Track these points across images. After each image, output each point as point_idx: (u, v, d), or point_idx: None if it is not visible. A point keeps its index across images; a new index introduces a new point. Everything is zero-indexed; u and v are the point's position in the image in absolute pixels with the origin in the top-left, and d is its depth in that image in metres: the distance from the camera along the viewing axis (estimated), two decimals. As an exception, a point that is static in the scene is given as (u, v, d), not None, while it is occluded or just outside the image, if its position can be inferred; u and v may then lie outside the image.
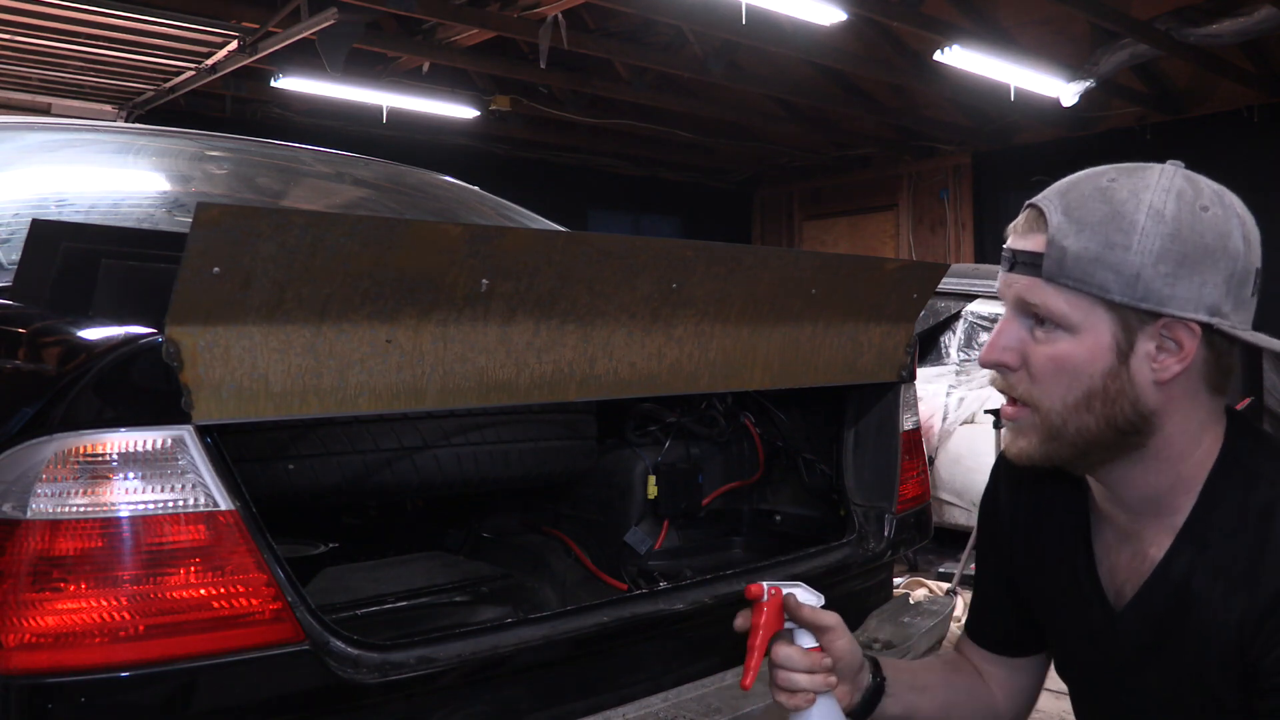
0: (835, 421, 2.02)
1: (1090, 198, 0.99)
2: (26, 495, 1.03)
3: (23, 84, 4.90)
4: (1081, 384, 1.00)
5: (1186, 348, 0.97)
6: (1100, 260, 0.96)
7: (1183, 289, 0.96)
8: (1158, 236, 0.95)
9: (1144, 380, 0.99)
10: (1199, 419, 1.02)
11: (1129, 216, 0.96)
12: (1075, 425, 1.01)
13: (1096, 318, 0.98)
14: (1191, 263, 0.95)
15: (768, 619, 1.12)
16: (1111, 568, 1.10)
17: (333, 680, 1.16)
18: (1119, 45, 7.15)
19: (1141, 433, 1.01)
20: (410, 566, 1.99)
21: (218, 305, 1.07)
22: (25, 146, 2.17)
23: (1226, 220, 0.98)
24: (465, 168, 4.58)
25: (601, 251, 1.34)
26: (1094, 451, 1.03)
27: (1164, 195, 0.97)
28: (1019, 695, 1.29)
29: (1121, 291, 0.96)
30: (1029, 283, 1.01)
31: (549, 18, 6.11)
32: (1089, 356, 0.99)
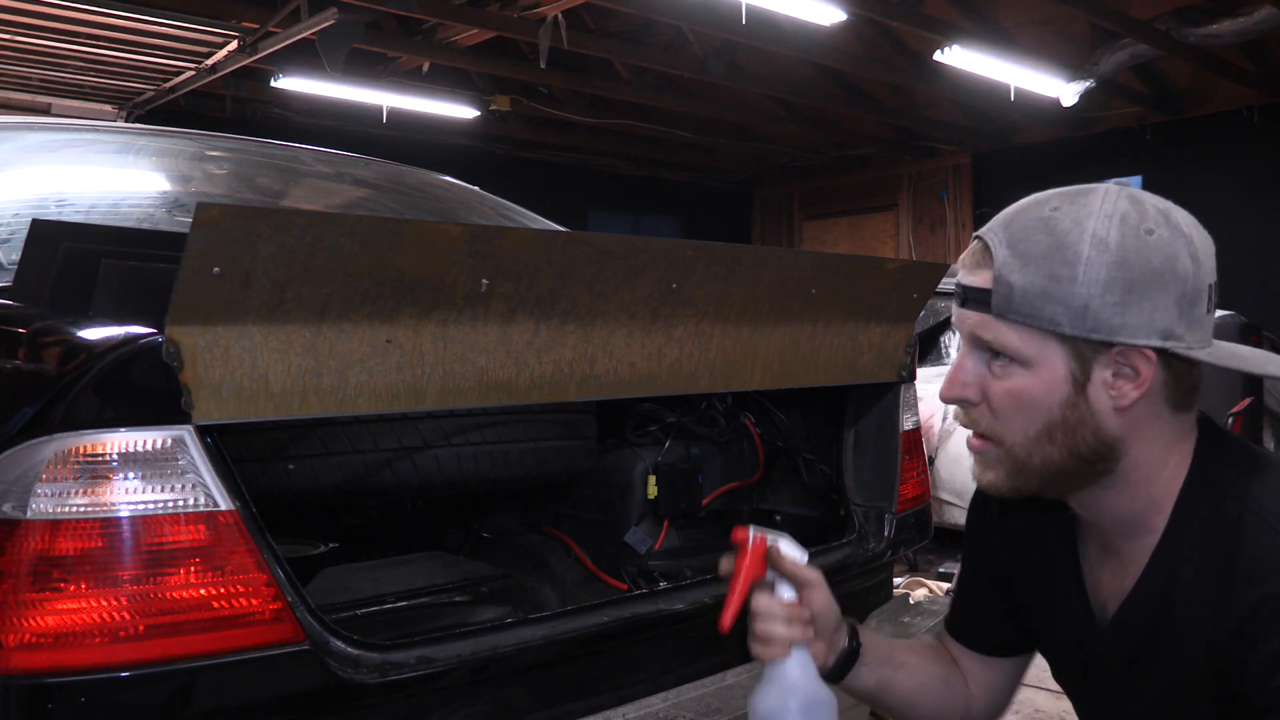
0: (835, 421, 2.02)
1: (1033, 229, 0.98)
2: (26, 495, 1.03)
3: (23, 84, 4.90)
4: (1041, 416, 1.00)
5: (1143, 374, 0.97)
6: (1047, 294, 0.96)
7: (1133, 316, 0.95)
8: (1103, 266, 0.94)
9: (1103, 408, 0.98)
10: (1164, 440, 1.02)
11: (1073, 247, 0.95)
12: (1040, 457, 1.01)
13: (1050, 351, 0.98)
14: (1140, 289, 0.94)
15: (750, 564, 1.13)
16: (1096, 583, 1.10)
17: (333, 680, 1.16)
18: (1119, 45, 7.16)
19: (1107, 459, 1.00)
20: (410, 566, 1.99)
21: (218, 305, 1.07)
22: (25, 146, 2.17)
23: (1173, 241, 0.96)
24: (465, 168, 4.59)
25: (601, 251, 1.34)
26: (1062, 480, 1.03)
27: (1107, 222, 0.96)
28: (993, 693, 1.29)
29: (1071, 324, 0.95)
30: (980, 319, 1.00)
31: (549, 18, 6.11)
32: (1045, 389, 0.99)
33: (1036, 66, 7.15)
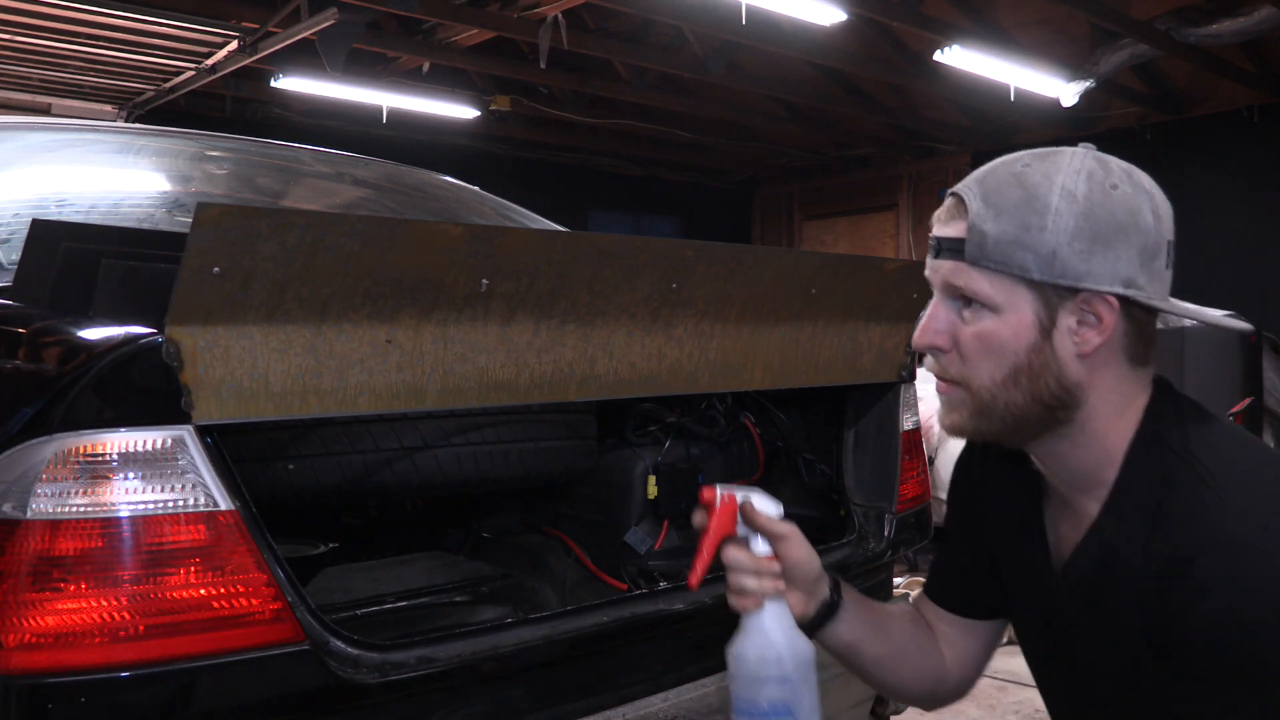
0: (835, 421, 2.02)
1: (1006, 183, 1.04)
2: (26, 495, 1.03)
3: (23, 84, 4.89)
4: (1008, 360, 1.04)
5: (1105, 320, 1.02)
6: (1018, 242, 1.01)
7: (1098, 264, 1.00)
8: (1071, 216, 1.00)
9: (1067, 354, 1.03)
10: (1121, 392, 1.06)
11: (1043, 199, 1.01)
12: (1004, 401, 1.05)
13: (1019, 297, 1.02)
14: (1104, 239, 1.00)
15: (718, 522, 1.15)
16: (1057, 538, 1.15)
17: (333, 680, 1.16)
18: (1119, 45, 7.16)
19: (1067, 407, 1.05)
20: (410, 566, 1.99)
21: (218, 305, 1.07)
22: (25, 146, 2.17)
23: (1136, 197, 1.02)
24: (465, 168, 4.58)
25: (601, 251, 1.34)
26: (1023, 427, 1.07)
27: (1075, 176, 1.02)
28: (967, 660, 1.32)
29: (1040, 270, 1.01)
30: (954, 267, 1.05)
31: (549, 18, 6.11)
32: (1013, 334, 1.03)
33: (1036, 66, 7.15)
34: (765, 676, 1.12)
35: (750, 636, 1.14)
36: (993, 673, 3.62)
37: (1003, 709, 3.34)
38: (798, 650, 1.13)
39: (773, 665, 1.12)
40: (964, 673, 1.32)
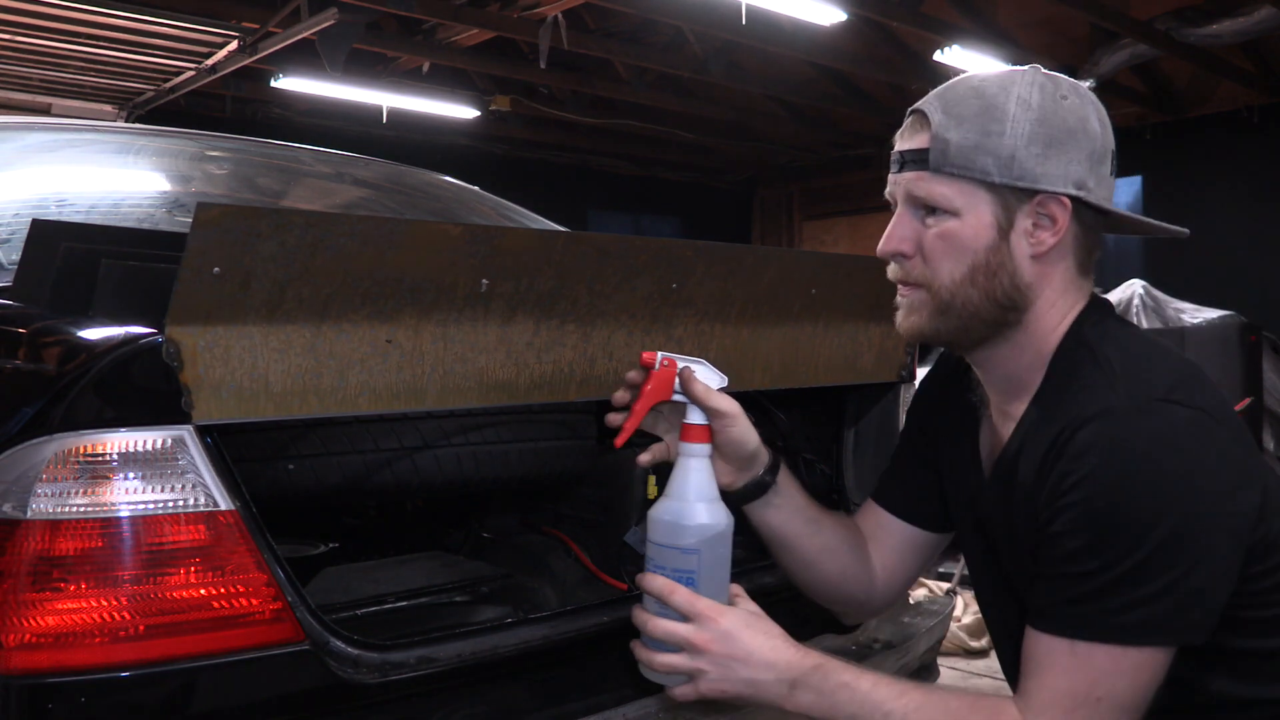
0: (835, 421, 2.02)
1: (966, 96, 1.12)
2: (26, 495, 1.03)
3: (23, 84, 4.89)
4: (967, 259, 1.11)
5: (1060, 221, 1.10)
6: (979, 147, 1.08)
7: (1052, 166, 1.08)
8: (1027, 122, 1.08)
9: (1021, 254, 1.11)
10: (1064, 296, 1.14)
11: (1001, 107, 1.09)
12: (961, 299, 1.12)
13: (979, 200, 1.10)
14: (1058, 143, 1.08)
15: (654, 386, 1.17)
16: (988, 444, 1.22)
17: (333, 680, 1.16)
18: (1119, 45, 7.16)
19: (1018, 308, 1.12)
20: (410, 566, 1.99)
21: (218, 305, 1.07)
22: (25, 146, 2.16)
23: (1083, 106, 1.11)
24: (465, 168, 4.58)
25: (601, 251, 1.34)
26: (975, 327, 1.13)
27: (1029, 88, 1.10)
28: (896, 570, 1.37)
29: (1000, 173, 1.08)
30: (916, 176, 1.13)
31: (549, 18, 6.11)
32: (973, 234, 1.10)
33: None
34: (672, 543, 1.12)
35: (668, 501, 1.15)
36: (993, 673, 3.62)
37: (1003, 709, 3.34)
38: (709, 521, 1.13)
39: (681, 533, 1.12)
40: (891, 583, 1.37)
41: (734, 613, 1.12)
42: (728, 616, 1.11)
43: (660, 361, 1.17)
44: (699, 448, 1.17)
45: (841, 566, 1.34)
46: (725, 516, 1.15)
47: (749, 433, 1.23)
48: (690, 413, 1.17)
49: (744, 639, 1.10)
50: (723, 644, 1.10)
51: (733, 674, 1.10)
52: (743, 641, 1.10)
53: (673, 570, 1.11)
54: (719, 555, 1.13)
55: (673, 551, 1.11)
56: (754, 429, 1.24)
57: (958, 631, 3.76)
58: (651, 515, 1.14)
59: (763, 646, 1.11)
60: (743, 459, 1.25)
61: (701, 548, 1.11)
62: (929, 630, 1.89)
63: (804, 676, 1.10)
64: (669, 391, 1.17)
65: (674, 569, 1.11)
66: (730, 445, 1.22)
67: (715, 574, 1.13)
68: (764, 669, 1.10)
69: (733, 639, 1.10)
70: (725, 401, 1.20)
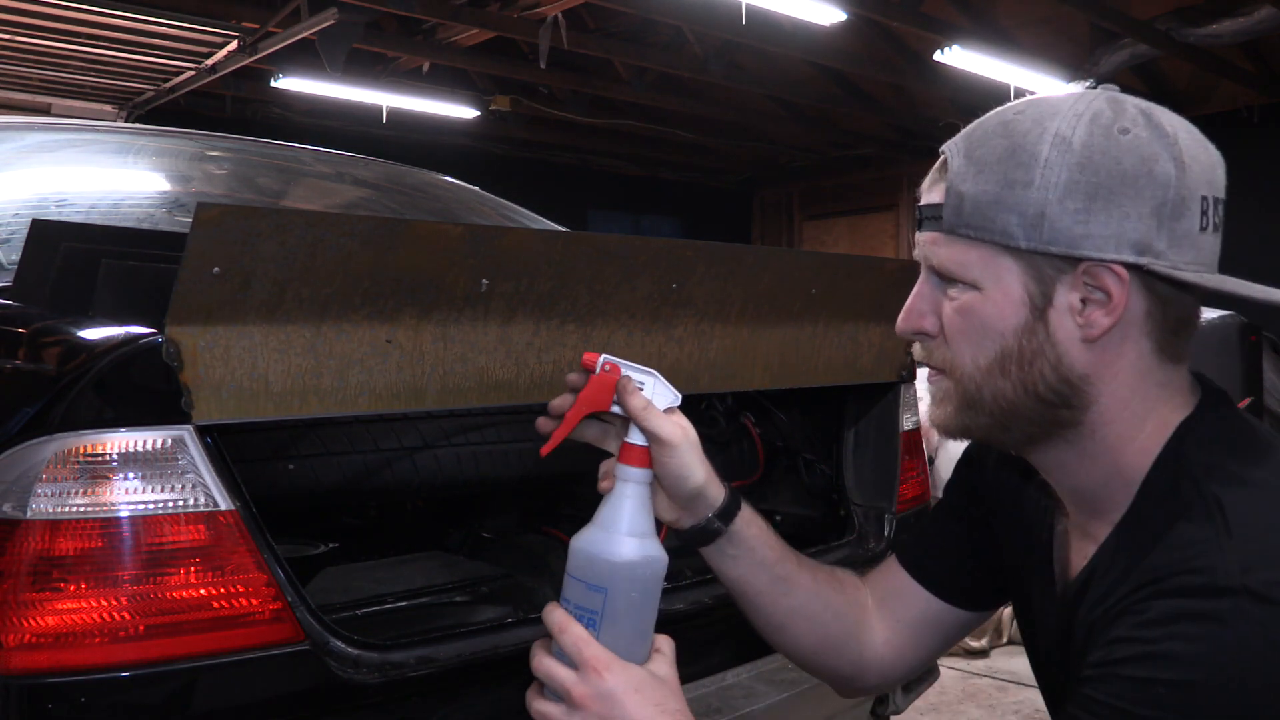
0: (835, 421, 2.02)
1: (992, 134, 0.87)
2: (26, 495, 1.03)
3: (23, 84, 4.89)
4: (993, 343, 0.88)
5: (1115, 297, 0.83)
6: (1000, 202, 0.84)
7: (1098, 226, 0.82)
8: (1064, 168, 0.82)
9: (1068, 338, 0.86)
10: (1142, 394, 0.87)
11: (1030, 149, 0.84)
12: (990, 391, 0.89)
13: (1003, 269, 0.86)
14: (1107, 194, 0.82)
15: (591, 391, 0.99)
16: (1062, 559, 0.99)
17: (333, 680, 1.16)
18: (1119, 45, 7.16)
19: (1071, 405, 0.87)
20: (410, 566, 1.98)
21: (218, 305, 1.07)
22: (25, 146, 2.17)
23: (1152, 142, 0.83)
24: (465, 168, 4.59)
25: (601, 251, 1.34)
26: (1016, 425, 0.90)
27: (1074, 121, 0.84)
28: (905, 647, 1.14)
29: (1027, 235, 0.83)
30: (932, 237, 0.90)
31: (549, 18, 6.12)
32: (997, 312, 0.87)
33: (1036, 66, 7.16)
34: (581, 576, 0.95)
35: (589, 528, 0.97)
36: (993, 673, 3.62)
37: (1003, 709, 3.34)
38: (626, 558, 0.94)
39: (591, 566, 0.94)
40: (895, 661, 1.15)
41: (626, 670, 0.91)
42: (617, 674, 0.90)
43: (601, 365, 1.00)
44: (634, 472, 0.98)
45: (818, 636, 1.11)
46: (651, 556, 0.96)
47: (692, 468, 1.00)
48: (631, 430, 0.98)
49: (626, 705, 0.89)
50: (601, 704, 0.89)
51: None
52: (624, 708, 0.89)
53: (576, 606, 0.94)
54: (636, 599, 0.94)
55: (579, 586, 0.94)
56: (703, 464, 1.02)
57: (958, 631, 3.75)
58: (571, 542, 0.97)
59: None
60: (684, 497, 1.02)
61: (609, 587, 0.93)
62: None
63: None
64: (607, 401, 0.99)
65: (577, 605, 0.94)
66: (668, 478, 1.00)
67: (628, 620, 0.94)
68: None
69: (613, 701, 0.89)
70: (665, 426, 0.97)
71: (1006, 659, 3.79)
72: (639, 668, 0.93)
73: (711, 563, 1.09)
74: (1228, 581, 0.76)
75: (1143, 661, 0.77)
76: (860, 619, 1.14)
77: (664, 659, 0.96)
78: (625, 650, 0.93)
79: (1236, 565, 0.77)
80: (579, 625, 0.93)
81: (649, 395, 0.99)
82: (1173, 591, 0.78)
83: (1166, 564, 0.80)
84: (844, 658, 1.13)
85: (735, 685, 1.59)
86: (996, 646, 3.88)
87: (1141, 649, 0.77)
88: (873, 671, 1.15)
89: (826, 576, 1.14)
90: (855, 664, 1.14)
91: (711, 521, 1.05)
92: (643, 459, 0.99)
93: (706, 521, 1.05)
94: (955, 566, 1.14)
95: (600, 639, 0.92)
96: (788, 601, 1.10)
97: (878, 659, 1.14)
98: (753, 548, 1.07)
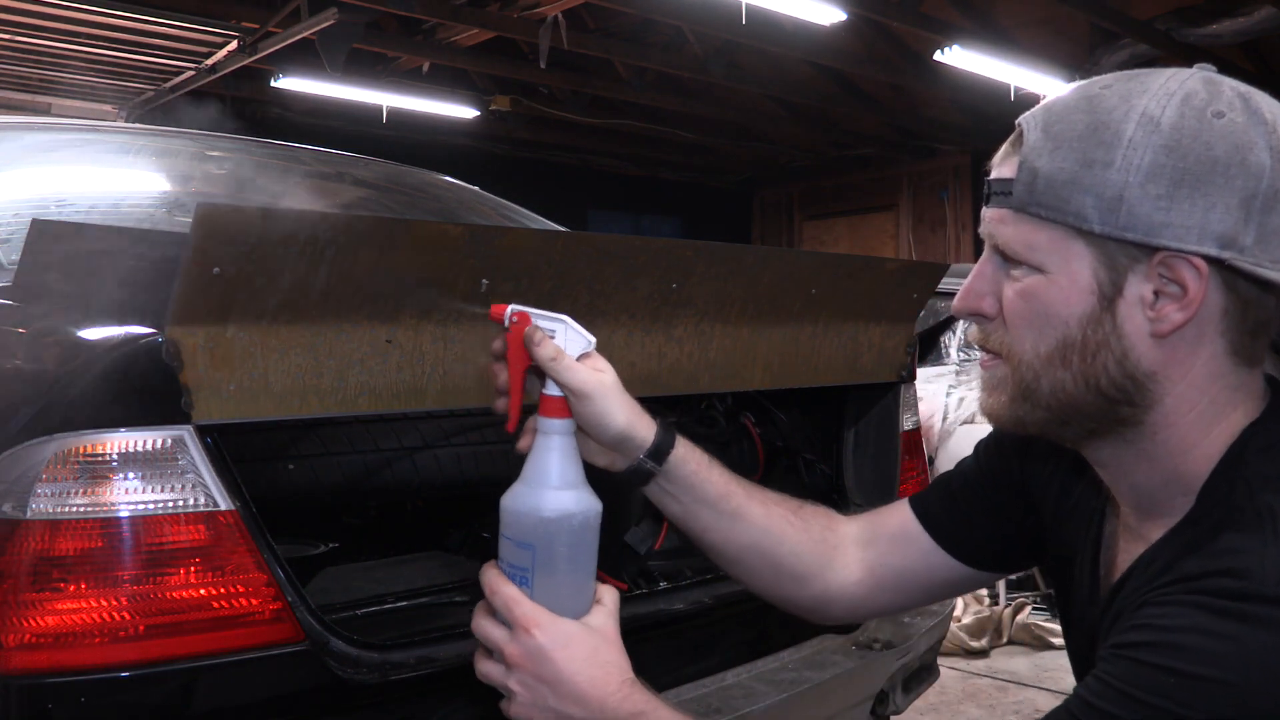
0: (835, 421, 2.02)
1: (1074, 109, 0.82)
2: (26, 495, 1.03)
3: (23, 84, 4.90)
4: (1055, 331, 0.83)
5: (1192, 290, 0.78)
6: (1076, 182, 0.79)
7: (1181, 214, 0.76)
8: (1149, 149, 0.77)
9: (1136, 332, 0.81)
10: (1212, 395, 0.82)
11: (1114, 127, 0.78)
12: (1049, 383, 0.84)
13: (1073, 253, 0.81)
14: (1193, 181, 0.76)
15: (512, 351, 0.95)
16: (1109, 559, 0.96)
17: (333, 680, 1.16)
18: (1119, 45, 7.16)
19: (1134, 403, 0.83)
20: (410, 566, 1.98)
21: (218, 305, 1.07)
22: (25, 146, 2.17)
23: (1249, 129, 0.77)
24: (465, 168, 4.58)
25: (601, 251, 1.34)
26: (1075, 420, 0.85)
27: (1165, 100, 0.78)
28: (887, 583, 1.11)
29: (1102, 219, 0.78)
30: (999, 215, 0.85)
31: (549, 18, 6.12)
32: (1062, 298, 0.82)
33: (1036, 66, 7.15)
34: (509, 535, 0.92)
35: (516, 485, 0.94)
36: (993, 673, 3.62)
37: (1003, 709, 3.34)
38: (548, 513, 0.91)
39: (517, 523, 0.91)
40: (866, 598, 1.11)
41: (558, 625, 0.88)
42: (546, 630, 0.88)
43: (509, 317, 0.94)
44: (551, 423, 0.94)
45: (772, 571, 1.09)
46: (578, 506, 0.93)
47: (611, 413, 0.96)
48: (548, 381, 0.94)
49: (557, 660, 0.87)
50: (532, 662, 0.88)
51: (540, 699, 0.88)
52: (554, 664, 0.87)
53: (509, 565, 0.92)
54: (565, 552, 0.91)
55: (509, 544, 0.92)
56: (626, 407, 0.98)
57: (958, 632, 3.76)
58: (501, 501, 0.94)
59: (578, 674, 0.87)
60: (610, 441, 0.99)
61: (535, 542, 0.90)
62: (929, 630, 1.89)
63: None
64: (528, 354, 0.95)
65: (510, 563, 0.92)
66: (588, 425, 0.96)
67: (560, 574, 0.91)
68: (572, 702, 0.87)
69: (543, 658, 0.87)
70: (576, 375, 0.93)
71: (1006, 659, 3.79)
72: (571, 622, 0.90)
73: (655, 502, 1.06)
74: (1263, 589, 0.73)
75: (1160, 649, 0.75)
76: (826, 555, 1.11)
77: (602, 609, 0.93)
78: (561, 605, 0.91)
79: (1274, 576, 0.73)
80: (510, 585, 0.90)
81: (561, 342, 0.95)
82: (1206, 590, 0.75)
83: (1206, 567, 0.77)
84: (805, 591, 1.10)
85: (735, 685, 1.59)
86: (996, 646, 3.88)
87: (1161, 636, 0.75)
88: (839, 605, 1.12)
89: (784, 512, 1.10)
90: (819, 598, 1.11)
91: (643, 463, 1.01)
92: (561, 409, 0.95)
93: (638, 463, 1.01)
94: (971, 525, 1.09)
95: (534, 596, 0.90)
96: (736, 537, 1.07)
97: (846, 595, 1.11)
98: (692, 485, 1.04)
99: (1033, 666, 3.66)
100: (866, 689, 1.83)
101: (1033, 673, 3.61)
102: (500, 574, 0.92)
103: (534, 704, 0.89)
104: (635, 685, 0.89)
